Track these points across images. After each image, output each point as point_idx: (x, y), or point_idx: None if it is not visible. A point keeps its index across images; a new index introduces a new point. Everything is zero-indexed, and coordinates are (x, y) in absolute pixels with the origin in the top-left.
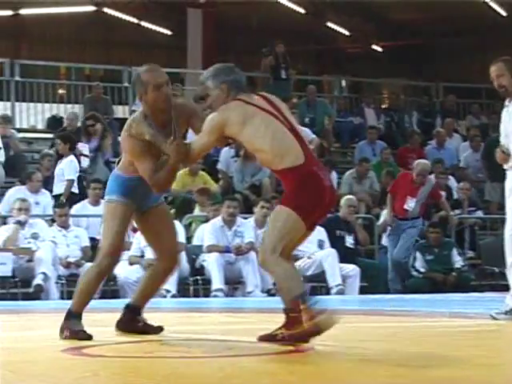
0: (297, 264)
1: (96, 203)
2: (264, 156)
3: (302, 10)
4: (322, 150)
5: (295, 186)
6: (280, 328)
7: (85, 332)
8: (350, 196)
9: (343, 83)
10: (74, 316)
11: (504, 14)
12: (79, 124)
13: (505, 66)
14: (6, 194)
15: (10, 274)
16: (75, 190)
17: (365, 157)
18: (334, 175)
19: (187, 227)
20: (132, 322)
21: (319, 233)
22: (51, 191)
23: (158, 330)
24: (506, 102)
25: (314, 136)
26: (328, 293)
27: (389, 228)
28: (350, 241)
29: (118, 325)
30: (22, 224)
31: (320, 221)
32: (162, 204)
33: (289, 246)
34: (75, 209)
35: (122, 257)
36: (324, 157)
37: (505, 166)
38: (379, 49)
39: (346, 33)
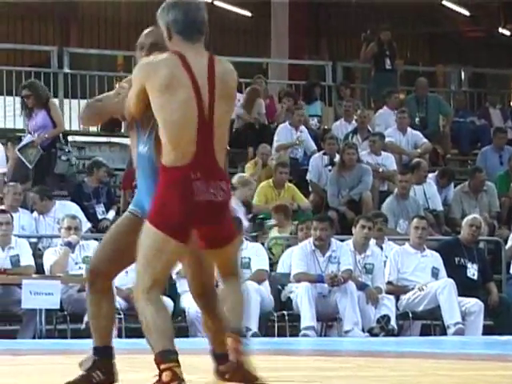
0: (405, 297)
1: None
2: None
3: None
4: (436, 158)
5: (160, 192)
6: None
7: None
8: (474, 215)
9: (462, 75)
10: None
11: None
12: None
13: None
14: (51, 209)
15: (57, 306)
16: None
17: (478, 166)
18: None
19: (270, 251)
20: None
21: (433, 259)
22: (108, 206)
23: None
24: None
25: (425, 140)
26: (444, 333)
27: None
28: (472, 270)
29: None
30: (72, 246)
31: (210, 236)
32: None
33: (166, 276)
34: None
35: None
36: (438, 165)
37: None
38: (507, 32)
39: (466, 13)
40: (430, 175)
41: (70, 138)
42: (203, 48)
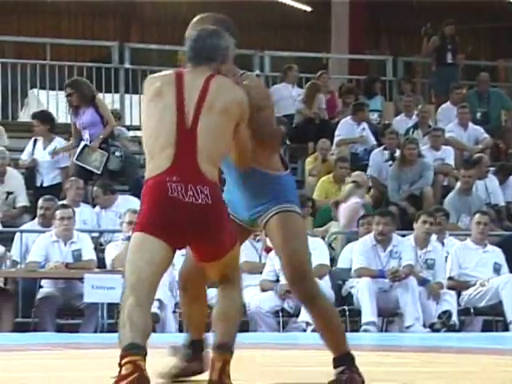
0: (467, 293)
1: None
2: None
3: None
4: (498, 153)
5: (140, 205)
6: None
7: None
8: None
9: None
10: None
11: None
12: None
13: None
14: (114, 203)
15: (119, 300)
16: None
17: None
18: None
19: (331, 245)
20: None
21: (495, 254)
22: None
23: None
24: None
25: (486, 135)
26: (506, 329)
27: None
28: None
29: None
30: None
31: (189, 241)
32: None
33: (156, 275)
34: None
35: (253, 282)
36: (500, 160)
37: None
38: None
39: None
40: (492, 169)
41: (131, 133)
42: (210, 70)
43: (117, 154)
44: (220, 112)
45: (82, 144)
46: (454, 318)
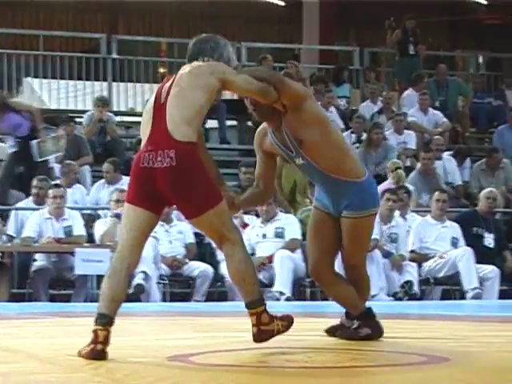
0: (427, 264)
1: None
2: None
3: None
4: (456, 136)
5: None
6: None
7: None
8: (491, 188)
9: (480, 60)
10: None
11: None
12: None
13: None
14: (119, 182)
15: None
16: None
17: (495, 147)
18: (450, 163)
19: (303, 221)
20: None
21: (453, 229)
22: None
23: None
24: None
25: (445, 120)
26: (463, 297)
27: None
28: (489, 239)
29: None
30: (120, 217)
31: (172, 202)
32: None
33: (138, 238)
34: None
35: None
36: (458, 143)
37: None
38: None
39: (484, 1)
40: (450, 152)
41: (118, 119)
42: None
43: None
44: (186, 83)
45: (12, 152)
46: (416, 288)
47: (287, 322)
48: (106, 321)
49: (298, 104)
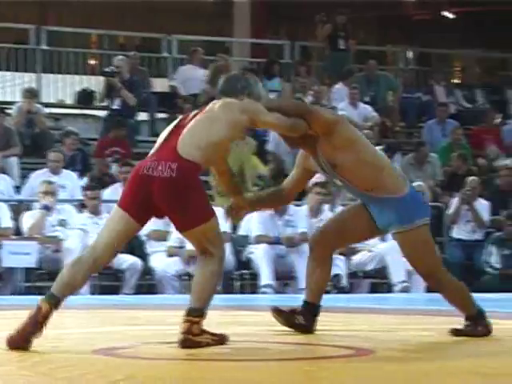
0: (356, 257)
1: None
2: None
3: None
4: (385, 130)
5: None
6: None
7: None
8: (418, 182)
9: (409, 54)
10: None
11: None
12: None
13: None
14: (30, 176)
15: (34, 265)
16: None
17: (422, 141)
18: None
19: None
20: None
21: None
22: (82, 173)
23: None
24: None
25: (374, 114)
26: (390, 290)
27: None
28: None
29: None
30: (48, 209)
31: (163, 213)
32: None
33: (116, 241)
34: (106, 193)
35: (160, 248)
36: (387, 138)
37: None
38: (451, 15)
39: None
40: (380, 147)
41: (47, 110)
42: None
43: None
44: (215, 114)
45: None
46: (344, 281)
47: (219, 338)
48: (53, 301)
49: (330, 130)
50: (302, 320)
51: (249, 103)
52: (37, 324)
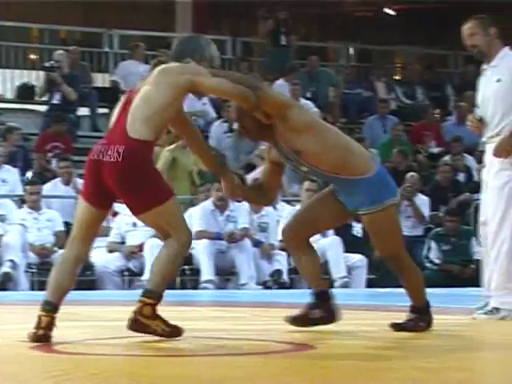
0: None
1: (68, 183)
2: None
3: None
4: None
5: None
6: None
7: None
8: None
9: (351, 51)
10: None
11: None
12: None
13: (477, 24)
14: None
15: None
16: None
17: (362, 137)
18: None
19: None
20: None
21: None
22: (23, 169)
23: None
24: (484, 66)
25: (315, 109)
26: (331, 285)
27: None
28: (358, 229)
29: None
30: None
31: (117, 196)
32: None
33: (86, 232)
34: (45, 189)
35: (100, 244)
36: None
37: (483, 138)
38: (392, 12)
39: None
40: None
41: None
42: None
43: None
44: (155, 81)
45: None
46: (285, 277)
47: (171, 330)
48: (50, 308)
49: (282, 113)
50: (319, 313)
51: (190, 66)
52: (41, 337)
